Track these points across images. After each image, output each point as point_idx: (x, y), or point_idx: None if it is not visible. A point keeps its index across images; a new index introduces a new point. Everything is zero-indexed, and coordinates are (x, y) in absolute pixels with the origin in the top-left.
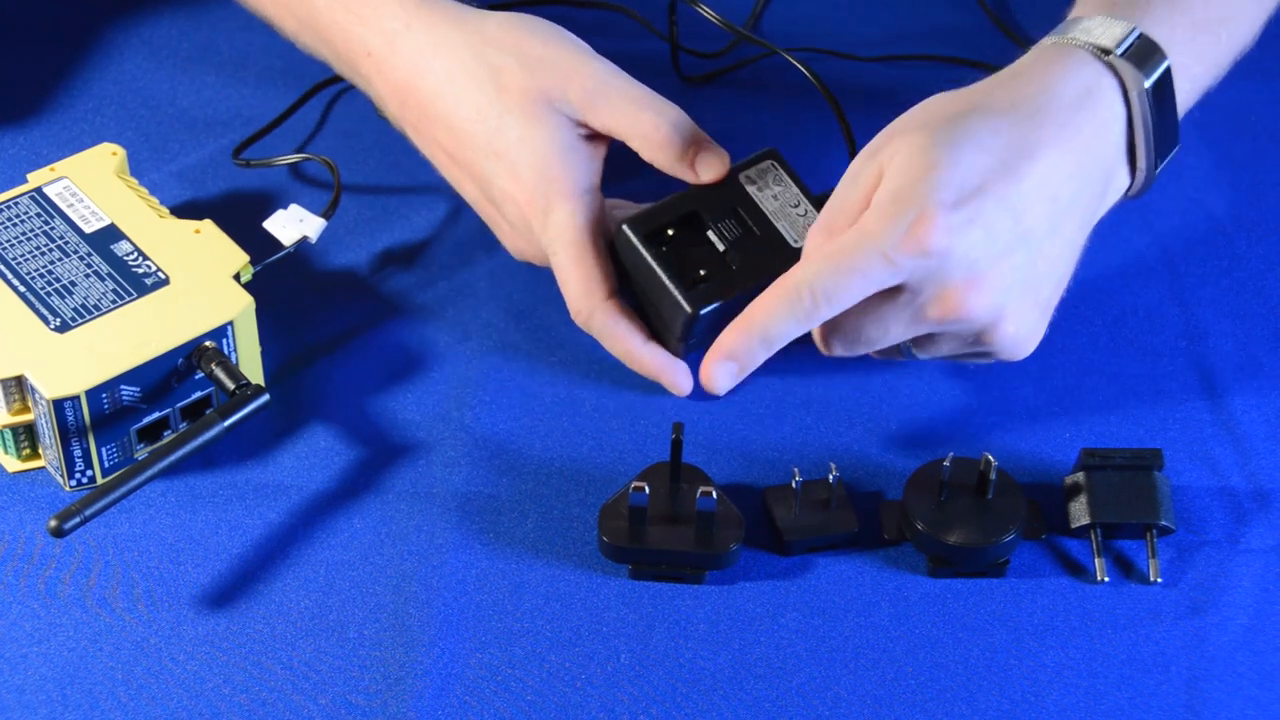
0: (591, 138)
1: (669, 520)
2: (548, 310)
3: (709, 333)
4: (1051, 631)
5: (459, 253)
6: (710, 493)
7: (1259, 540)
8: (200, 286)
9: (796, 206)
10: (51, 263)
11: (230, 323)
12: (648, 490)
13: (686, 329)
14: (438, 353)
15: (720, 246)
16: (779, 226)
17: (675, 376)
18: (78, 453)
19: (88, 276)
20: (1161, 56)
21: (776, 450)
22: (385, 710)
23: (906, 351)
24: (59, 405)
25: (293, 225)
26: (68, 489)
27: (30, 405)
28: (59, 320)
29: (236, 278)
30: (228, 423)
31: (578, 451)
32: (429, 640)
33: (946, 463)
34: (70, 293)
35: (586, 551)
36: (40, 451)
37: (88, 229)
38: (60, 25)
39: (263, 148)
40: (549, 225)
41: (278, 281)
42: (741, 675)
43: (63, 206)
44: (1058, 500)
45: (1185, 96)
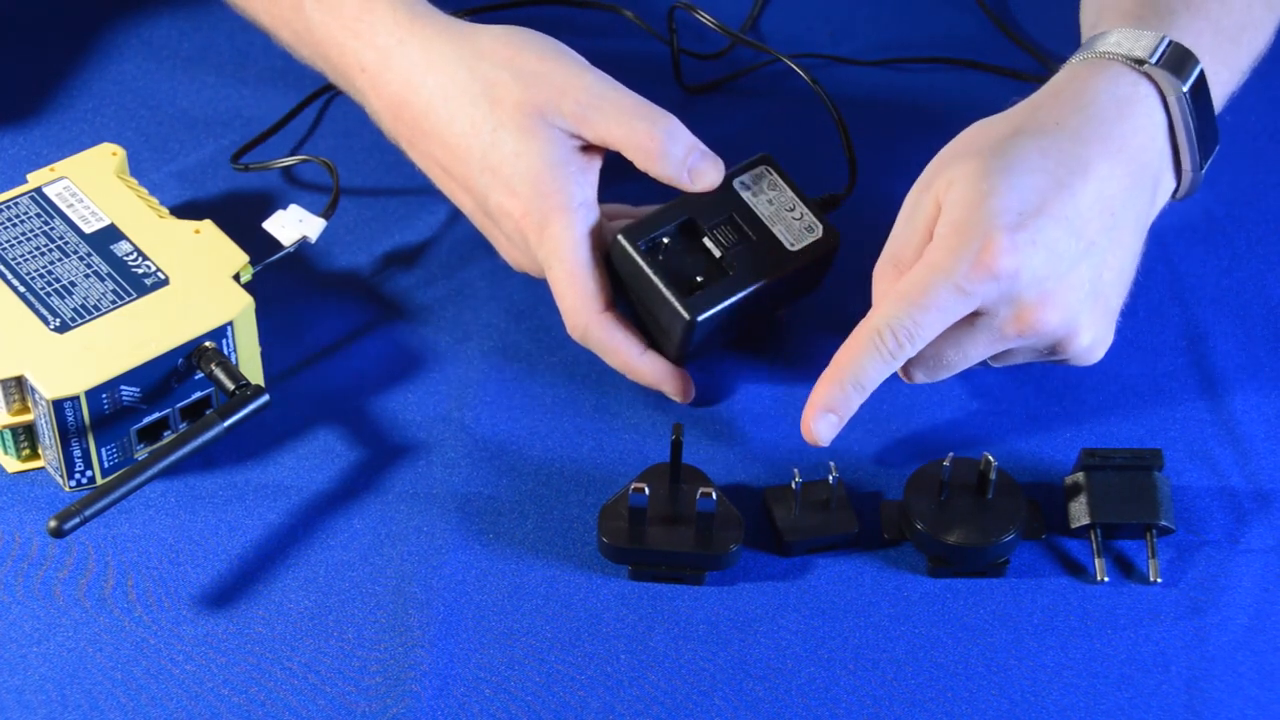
0: (587, 150)
1: (669, 521)
2: (548, 311)
3: (708, 339)
4: (1051, 631)
5: (459, 253)
6: (710, 493)
7: (1259, 540)
8: (200, 287)
9: (792, 210)
10: (51, 263)
11: (230, 323)
12: (647, 491)
13: (686, 336)
14: (438, 353)
15: (716, 253)
16: (775, 231)
17: (676, 384)
18: (77, 453)
19: (87, 277)
20: (1195, 61)
21: (776, 451)
22: (385, 710)
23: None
24: (59, 405)
25: (292, 226)
26: (67, 489)
27: (30, 405)
28: (59, 320)
29: (236, 278)
30: (228, 423)
31: (578, 452)
32: (429, 641)
33: (946, 463)
34: (70, 293)
35: (586, 552)
36: (40, 452)
37: (87, 229)
38: (60, 25)
39: (262, 149)
40: (544, 240)
41: (278, 282)
42: (741, 676)
43: (62, 207)
44: (1058, 500)
45: (1216, 101)
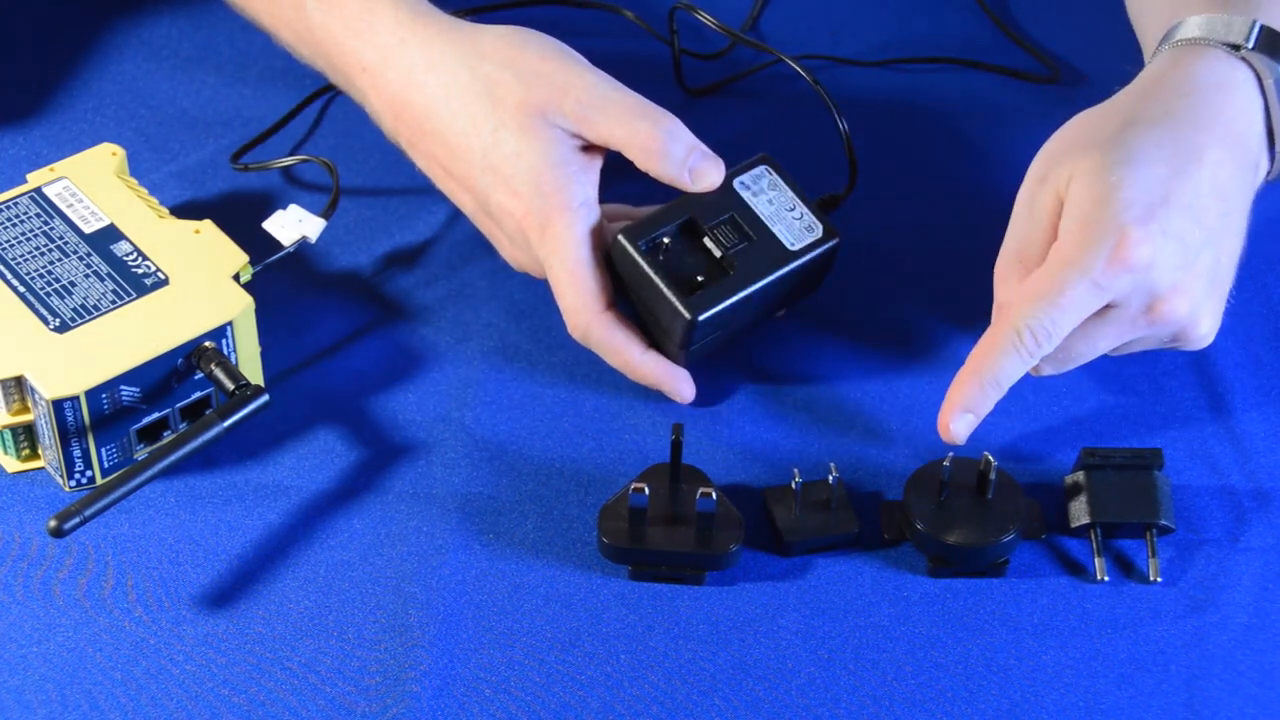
0: (588, 150)
1: (669, 521)
2: (548, 310)
3: (709, 339)
4: (1051, 631)
5: (459, 253)
6: (710, 493)
7: (1259, 539)
8: (200, 287)
9: (792, 210)
10: (51, 263)
11: (230, 323)
12: (648, 491)
13: (687, 335)
14: (438, 353)
15: (717, 252)
16: (775, 231)
17: (676, 384)
18: (77, 453)
19: (87, 277)
20: None
21: (776, 451)
22: (385, 710)
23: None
24: (59, 405)
25: (292, 226)
26: (67, 489)
27: (30, 405)
28: (59, 320)
29: (236, 278)
30: (227, 423)
31: (578, 452)
32: (429, 641)
33: (946, 463)
34: (70, 293)
35: (586, 552)
36: (40, 452)
37: (87, 229)
38: (60, 25)
39: (261, 149)
40: (545, 239)
41: (278, 282)
42: (741, 676)
43: (62, 207)
44: (1058, 500)
45: None
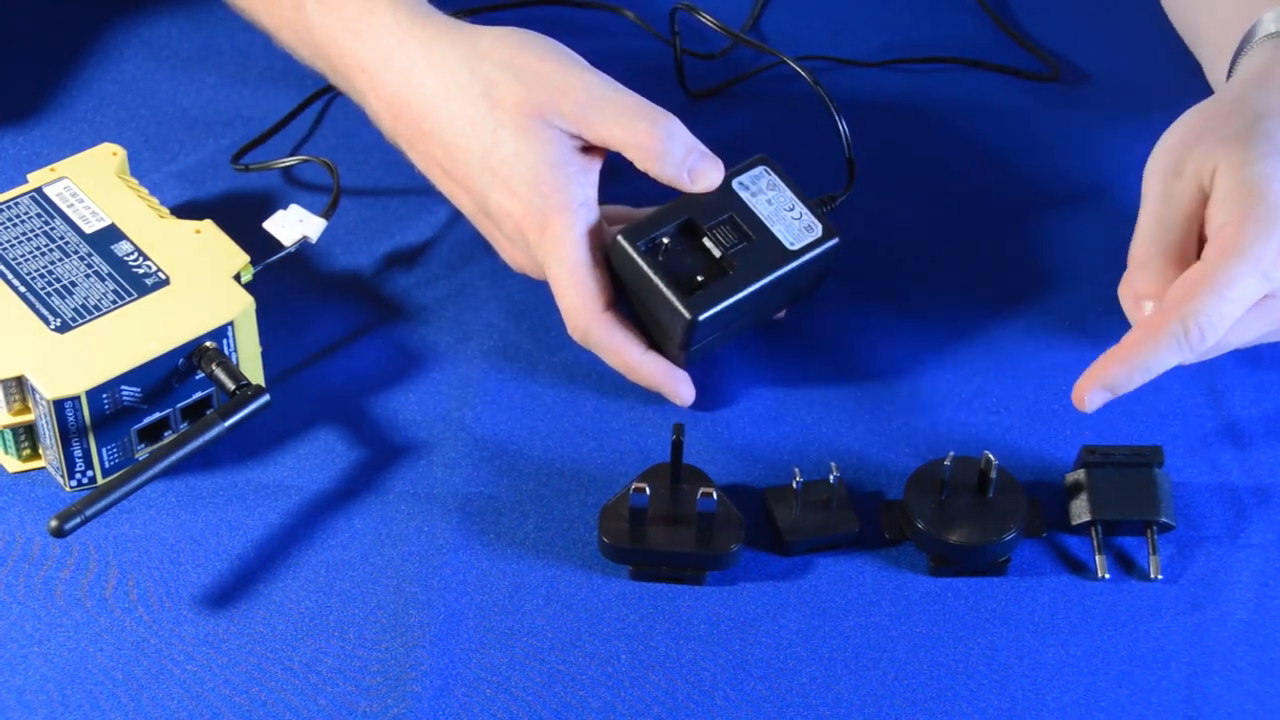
0: (587, 150)
1: (669, 521)
2: (548, 310)
3: (709, 339)
4: (1052, 629)
5: (459, 253)
6: (711, 493)
7: (1259, 536)
8: (200, 287)
9: (791, 210)
10: (52, 263)
11: (230, 323)
12: (648, 491)
13: (687, 336)
14: (438, 353)
15: (716, 253)
16: (774, 231)
17: (676, 385)
18: (78, 453)
19: (88, 277)
20: None
21: (777, 451)
22: (386, 711)
23: None
24: (59, 405)
25: (293, 226)
26: (68, 489)
27: (30, 405)
28: (59, 320)
29: (237, 278)
30: (228, 423)
31: (578, 452)
32: (429, 641)
33: (947, 461)
34: (70, 293)
35: (587, 552)
36: (40, 452)
37: (88, 229)
38: (60, 25)
39: (262, 149)
40: (545, 240)
41: (278, 282)
42: (742, 676)
43: (63, 207)
44: (1058, 498)
45: None
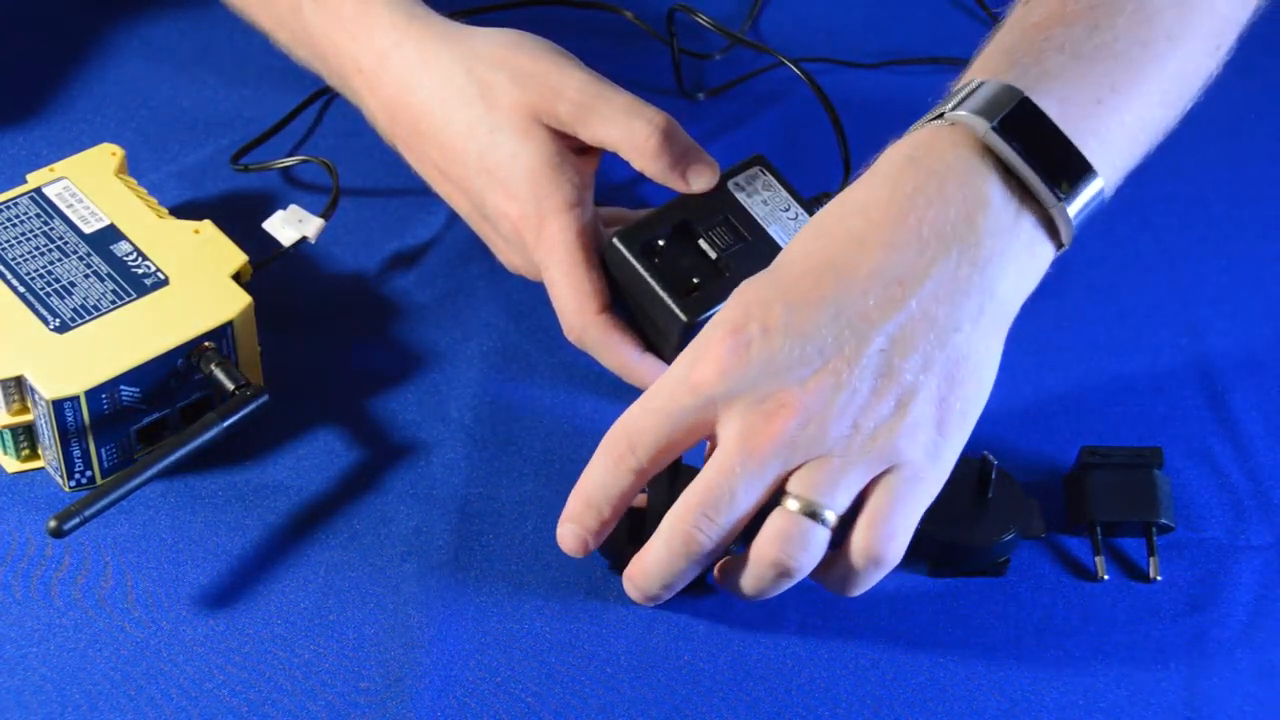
0: (582, 151)
1: None
2: (547, 311)
3: None
4: (1051, 630)
5: (459, 253)
6: None
7: (1258, 537)
8: (200, 286)
9: (787, 210)
10: (51, 263)
11: (230, 323)
12: (647, 493)
13: (683, 338)
14: (437, 353)
15: (712, 254)
16: (770, 231)
17: None
18: (77, 453)
19: (87, 277)
20: (1014, 93)
21: None
22: (385, 712)
23: (818, 518)
24: (59, 405)
25: (292, 226)
26: (67, 489)
27: (30, 405)
28: (59, 320)
29: (236, 278)
30: (227, 423)
31: (578, 453)
32: (428, 642)
33: None
34: (70, 293)
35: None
36: (40, 452)
37: (87, 229)
38: (60, 25)
39: (261, 149)
40: (541, 241)
41: (277, 282)
42: (741, 677)
43: (62, 207)
44: (1058, 499)
45: (1099, 119)
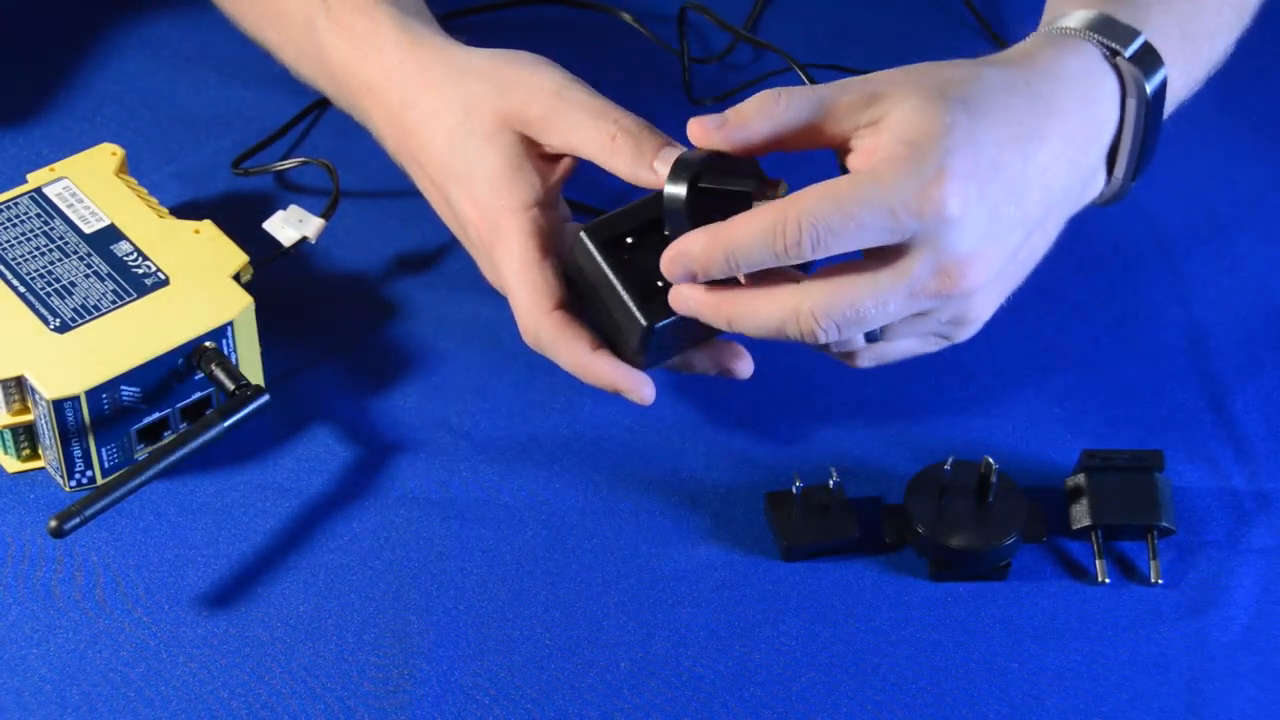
0: (551, 157)
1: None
2: None
3: (668, 347)
4: (1053, 634)
5: (459, 253)
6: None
7: (1260, 541)
8: (200, 287)
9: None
10: (51, 263)
11: (230, 323)
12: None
13: (643, 342)
14: (438, 354)
15: None
16: None
17: (633, 384)
18: (78, 453)
19: (87, 277)
20: (1161, 65)
21: (776, 455)
22: (384, 715)
23: (872, 337)
24: (59, 406)
25: (292, 226)
26: (68, 490)
27: (30, 406)
28: (59, 320)
29: (236, 278)
30: (228, 423)
31: (578, 455)
32: (428, 646)
33: (947, 466)
34: (70, 293)
35: (586, 558)
36: (40, 452)
37: (87, 229)
38: (60, 25)
39: (261, 152)
40: (497, 241)
41: (277, 282)
42: (742, 681)
43: (62, 207)
44: (1059, 502)
45: (1167, 109)
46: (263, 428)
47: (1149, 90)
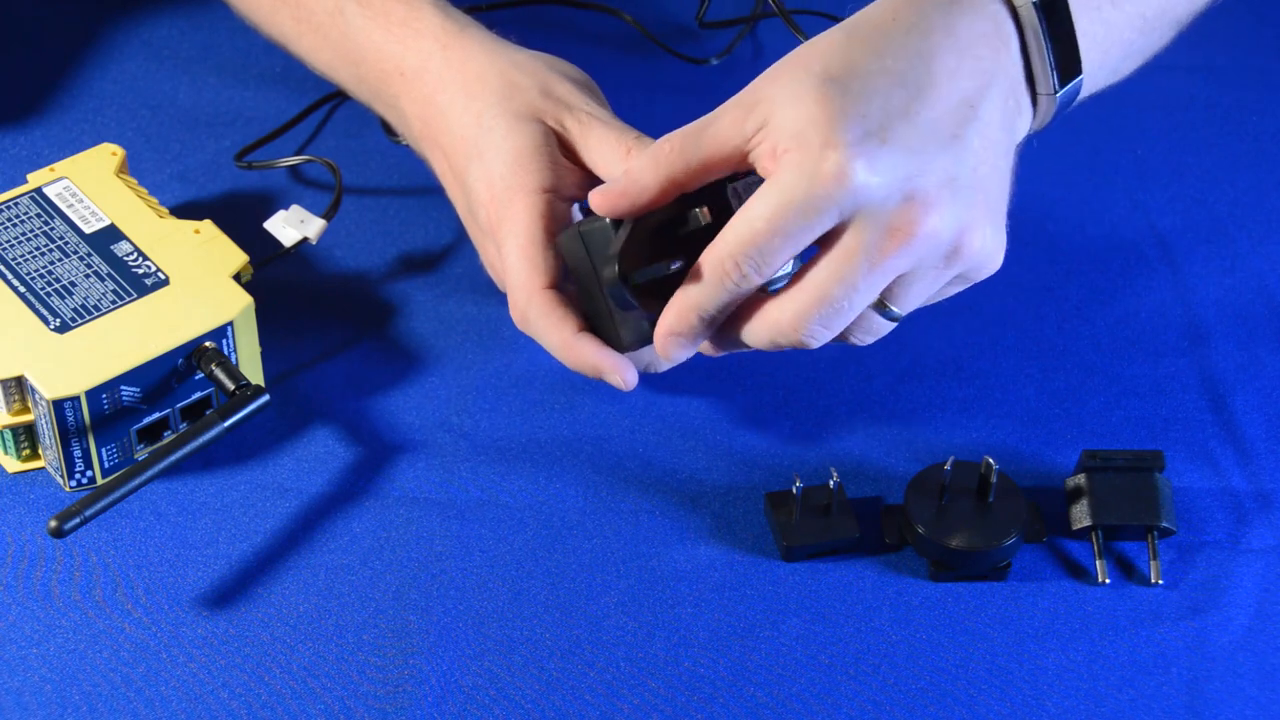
0: (572, 164)
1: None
2: None
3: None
4: (1053, 634)
5: (460, 254)
6: None
7: (1260, 541)
8: (200, 287)
9: None
10: (51, 263)
11: (230, 323)
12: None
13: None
14: (438, 355)
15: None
16: None
17: (616, 366)
18: (78, 453)
19: (88, 277)
20: None
21: (776, 456)
22: (384, 715)
23: (888, 315)
24: (59, 405)
25: (293, 226)
26: (68, 489)
27: (30, 405)
28: (59, 320)
29: (237, 278)
30: (228, 423)
31: (578, 456)
32: (428, 646)
33: (947, 466)
34: (70, 293)
35: (585, 558)
36: (40, 452)
37: (88, 229)
38: (60, 25)
39: (264, 149)
40: (505, 220)
41: (278, 282)
42: (742, 682)
43: (63, 207)
44: (1059, 502)
45: (1100, 37)
46: (263, 428)
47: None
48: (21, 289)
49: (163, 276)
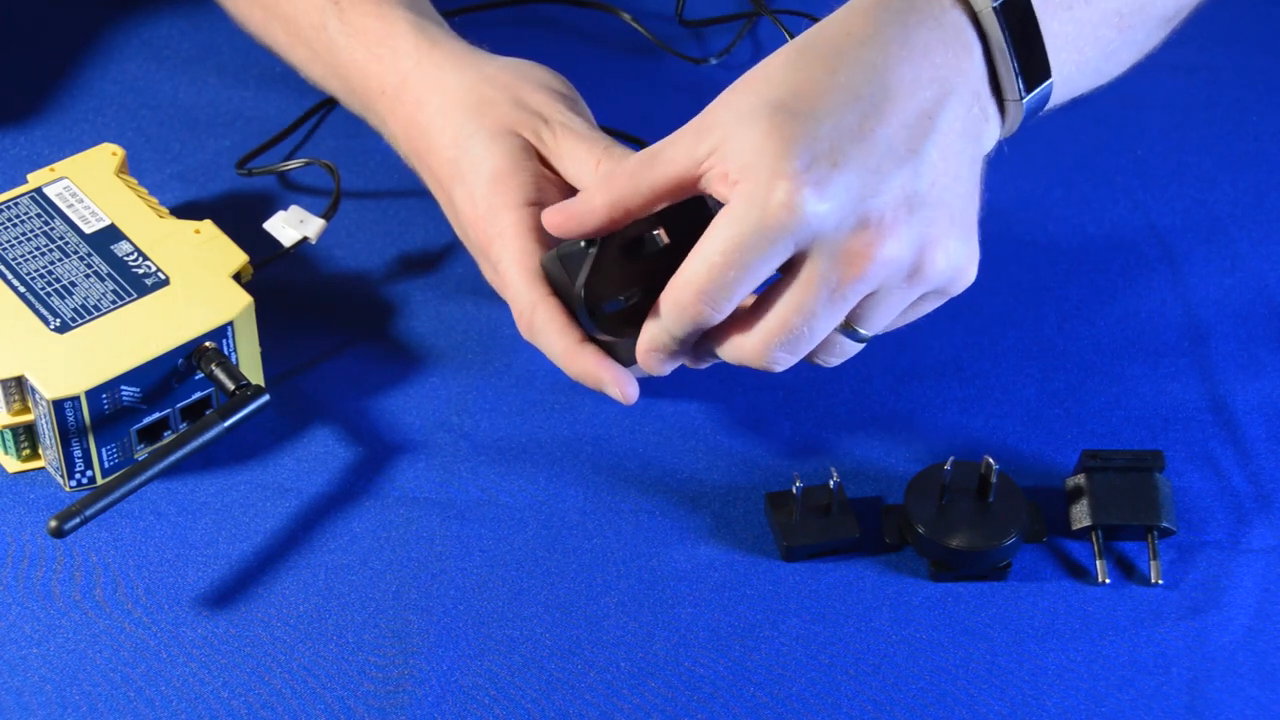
0: (551, 176)
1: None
2: None
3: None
4: (1053, 634)
5: (459, 254)
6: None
7: (1260, 541)
8: (200, 287)
9: None
10: (51, 263)
11: (230, 323)
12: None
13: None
14: (437, 355)
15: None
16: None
17: (617, 378)
18: (78, 453)
19: (88, 277)
20: None
21: (777, 456)
22: (384, 715)
23: (855, 337)
24: (59, 406)
25: (293, 226)
26: (68, 489)
27: (30, 406)
28: (59, 320)
29: (236, 278)
30: (228, 423)
31: (578, 457)
32: (428, 646)
33: (947, 466)
34: (70, 293)
35: (586, 558)
36: (40, 452)
37: (88, 229)
38: (60, 25)
39: (264, 155)
40: (496, 239)
41: (278, 282)
42: (742, 682)
43: (63, 207)
44: (1059, 502)
45: (1066, 40)
46: (263, 428)
47: (994, 2)
48: (21, 289)
49: (163, 276)
